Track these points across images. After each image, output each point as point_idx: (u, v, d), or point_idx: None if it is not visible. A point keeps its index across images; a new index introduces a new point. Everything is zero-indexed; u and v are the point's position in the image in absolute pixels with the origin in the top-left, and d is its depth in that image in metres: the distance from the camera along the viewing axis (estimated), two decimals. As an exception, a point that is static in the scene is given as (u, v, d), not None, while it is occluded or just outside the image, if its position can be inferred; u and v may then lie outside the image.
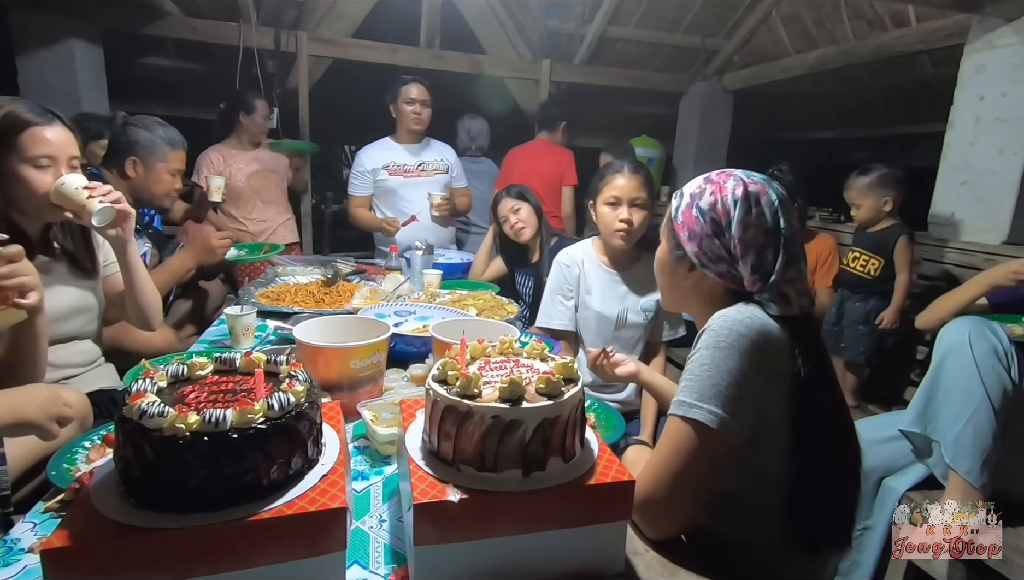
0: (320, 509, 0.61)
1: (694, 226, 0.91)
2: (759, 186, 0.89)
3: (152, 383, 0.67)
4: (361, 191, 2.86)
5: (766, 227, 0.86)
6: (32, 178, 1.18)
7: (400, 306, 1.71)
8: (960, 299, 1.77)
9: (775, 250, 0.86)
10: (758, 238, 0.86)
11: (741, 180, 0.89)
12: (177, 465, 0.58)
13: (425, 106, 2.76)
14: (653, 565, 0.78)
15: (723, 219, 0.88)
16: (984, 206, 2.39)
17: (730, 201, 0.88)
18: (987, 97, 2.36)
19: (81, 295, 1.37)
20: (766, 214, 0.87)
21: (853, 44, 3.29)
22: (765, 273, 0.86)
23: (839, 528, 0.89)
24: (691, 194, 0.93)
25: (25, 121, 1.17)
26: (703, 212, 0.90)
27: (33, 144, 1.18)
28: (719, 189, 0.89)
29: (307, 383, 0.70)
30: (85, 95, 3.12)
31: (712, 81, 4.31)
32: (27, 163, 1.18)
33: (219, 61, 3.67)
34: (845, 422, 0.91)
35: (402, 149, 2.83)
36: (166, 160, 1.89)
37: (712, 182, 0.91)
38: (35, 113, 1.19)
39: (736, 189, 0.88)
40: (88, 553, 0.55)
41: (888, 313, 2.35)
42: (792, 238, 0.87)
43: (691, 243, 0.91)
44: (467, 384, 0.69)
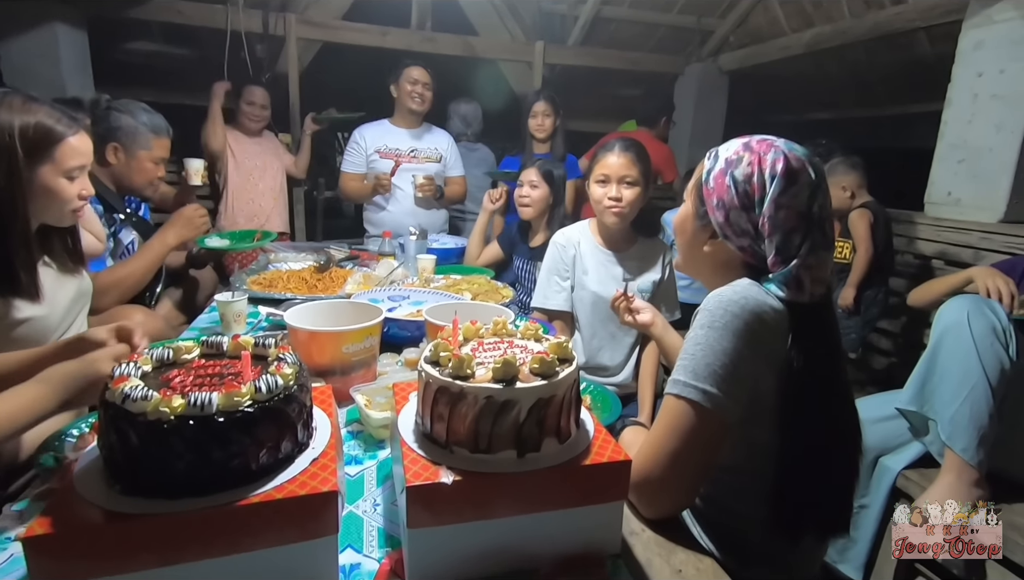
0: (311, 493, 0.60)
1: (724, 195, 0.86)
2: (800, 163, 0.83)
3: (136, 367, 0.65)
4: (355, 168, 2.82)
5: (800, 209, 0.82)
6: (63, 189, 1.17)
7: (394, 291, 1.69)
8: (949, 285, 1.76)
9: (802, 234, 0.82)
10: (788, 220, 0.82)
11: (783, 153, 0.83)
12: (162, 450, 0.57)
13: (427, 89, 2.73)
14: (650, 544, 0.77)
15: (757, 194, 0.83)
16: (981, 184, 2.38)
17: (768, 176, 0.83)
18: (985, 74, 2.34)
19: (78, 284, 1.36)
20: (802, 195, 0.82)
21: (850, 22, 3.25)
22: (787, 256, 0.83)
23: (829, 514, 0.87)
24: (727, 160, 0.87)
25: (59, 134, 1.15)
26: (737, 182, 0.85)
27: (70, 156, 1.16)
28: (759, 161, 0.84)
29: (296, 366, 0.69)
30: (70, 80, 3.06)
31: (707, 62, 4.26)
32: (60, 175, 1.16)
33: (206, 45, 3.59)
34: (844, 412, 0.89)
35: (399, 133, 2.82)
36: (148, 148, 1.84)
37: (752, 151, 0.85)
38: (65, 124, 1.16)
39: (776, 163, 0.83)
40: (72, 540, 0.54)
41: (843, 290, 2.37)
42: (822, 223, 0.83)
43: (718, 212, 0.87)
44: (460, 365, 0.68)
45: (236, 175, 3.02)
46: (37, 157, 1.12)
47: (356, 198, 2.93)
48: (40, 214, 1.18)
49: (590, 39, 4.14)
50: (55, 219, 1.21)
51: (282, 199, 3.22)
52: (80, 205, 1.23)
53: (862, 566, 1.58)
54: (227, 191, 3.03)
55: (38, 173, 1.13)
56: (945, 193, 2.52)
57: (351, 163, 2.83)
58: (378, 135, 2.81)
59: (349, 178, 2.84)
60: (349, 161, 2.83)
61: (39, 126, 1.11)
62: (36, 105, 1.13)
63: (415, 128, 2.84)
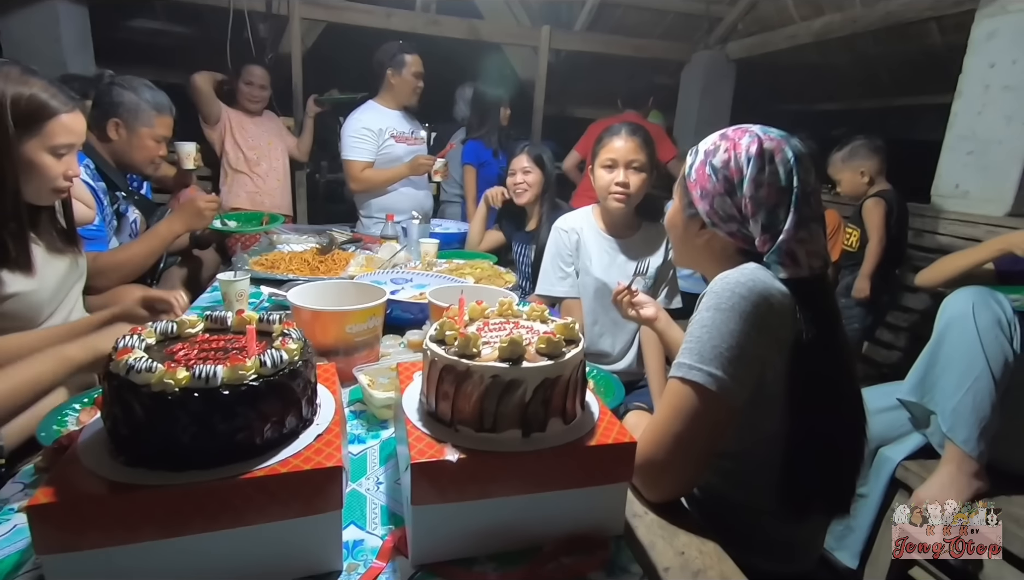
0: (315, 468, 0.60)
1: (707, 184, 0.88)
2: (775, 143, 0.85)
3: (140, 340, 0.65)
4: (367, 155, 2.64)
5: (779, 185, 0.84)
6: (47, 165, 1.15)
7: (397, 274, 1.69)
8: (968, 261, 1.70)
9: (787, 209, 0.83)
10: (770, 197, 0.84)
11: (757, 136, 0.86)
12: (167, 422, 0.56)
13: (421, 79, 2.72)
14: (653, 527, 0.77)
15: (736, 177, 0.85)
16: (990, 176, 2.36)
17: (743, 158, 0.85)
18: (997, 64, 2.31)
19: (69, 262, 1.35)
20: (780, 172, 0.84)
21: (860, 11, 3.20)
22: (776, 233, 0.84)
23: (835, 495, 0.88)
24: (705, 151, 0.90)
25: (53, 110, 1.13)
26: (716, 170, 0.87)
27: (59, 133, 1.14)
28: (734, 146, 0.86)
29: (301, 342, 0.68)
30: (70, 58, 3.03)
31: (715, 50, 4.20)
32: (45, 150, 1.14)
33: (209, 24, 3.55)
34: (850, 390, 0.89)
35: (396, 115, 2.76)
36: (151, 125, 1.82)
37: (727, 139, 0.88)
38: (60, 100, 1.14)
39: (751, 146, 0.85)
40: (76, 509, 0.54)
41: (857, 281, 2.34)
42: (806, 197, 0.84)
43: (703, 201, 0.89)
44: (466, 343, 0.67)
45: (236, 154, 2.99)
46: (25, 130, 1.10)
47: (380, 186, 2.71)
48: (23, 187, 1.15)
49: (597, 25, 4.09)
50: (33, 196, 1.17)
51: (285, 181, 3.19)
52: (64, 186, 1.20)
53: (859, 554, 1.59)
54: (225, 171, 3.01)
55: (23, 146, 1.10)
56: (953, 185, 2.50)
57: (364, 151, 2.64)
58: (383, 119, 2.71)
59: (363, 166, 2.64)
60: (361, 149, 2.64)
61: (32, 99, 1.09)
62: (34, 78, 1.11)
63: (403, 111, 2.79)
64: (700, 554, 0.73)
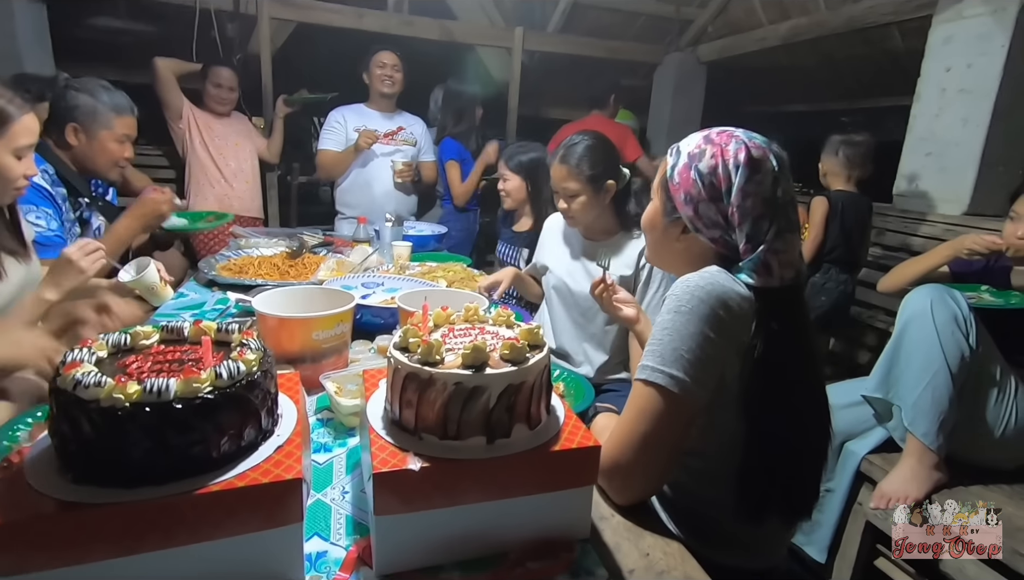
0: (274, 480, 0.59)
1: (691, 189, 0.87)
2: (761, 151, 0.85)
3: (90, 353, 0.63)
4: (335, 145, 2.81)
5: (765, 196, 0.83)
6: (11, 167, 1.18)
7: (368, 278, 1.67)
8: (922, 266, 1.82)
9: (770, 220, 0.83)
10: (756, 207, 0.83)
11: (744, 143, 0.85)
12: (117, 438, 0.55)
13: (396, 71, 2.77)
14: (619, 529, 0.78)
15: (723, 185, 0.84)
16: (947, 177, 2.44)
17: (732, 166, 0.84)
18: (953, 68, 2.39)
19: (26, 271, 1.31)
20: (766, 182, 0.83)
21: (826, 15, 3.28)
22: (758, 243, 0.84)
23: (794, 499, 0.88)
24: (689, 154, 0.88)
25: (12, 114, 1.16)
26: (702, 175, 0.86)
27: (21, 135, 1.18)
28: (721, 152, 0.85)
29: (260, 352, 0.67)
30: (27, 56, 2.91)
31: (686, 52, 4.26)
32: (9, 153, 1.17)
33: (174, 23, 3.44)
34: (812, 400, 0.89)
35: (375, 115, 2.84)
36: (110, 127, 1.75)
37: (713, 143, 0.87)
38: (17, 104, 1.17)
39: (739, 153, 0.84)
40: (21, 531, 0.52)
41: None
42: (785, 207, 0.84)
43: (687, 207, 0.88)
44: (428, 351, 0.67)
45: (202, 155, 2.91)
46: None
47: (334, 168, 2.86)
48: None
49: (570, 26, 4.11)
50: None
51: (255, 182, 3.12)
52: (23, 185, 1.23)
53: (826, 548, 1.63)
54: (192, 173, 2.93)
55: None
56: (913, 186, 2.58)
57: (331, 141, 2.82)
58: (357, 116, 2.82)
59: (328, 154, 2.83)
60: (329, 139, 2.82)
61: None
62: None
63: (390, 112, 2.87)
64: (664, 555, 0.74)
